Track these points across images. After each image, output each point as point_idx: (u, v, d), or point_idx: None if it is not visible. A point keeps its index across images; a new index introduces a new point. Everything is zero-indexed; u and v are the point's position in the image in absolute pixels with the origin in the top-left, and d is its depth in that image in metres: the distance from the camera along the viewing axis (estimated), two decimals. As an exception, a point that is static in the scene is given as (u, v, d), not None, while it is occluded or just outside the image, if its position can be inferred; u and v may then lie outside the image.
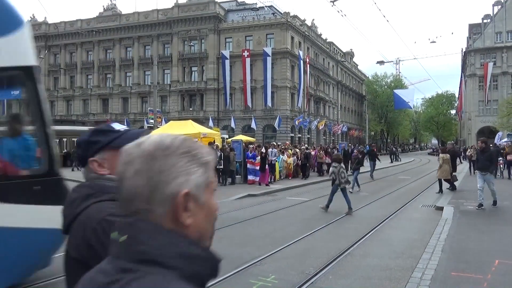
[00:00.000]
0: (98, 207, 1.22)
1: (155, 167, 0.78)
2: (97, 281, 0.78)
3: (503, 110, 42.32)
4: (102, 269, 0.79)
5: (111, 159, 1.33)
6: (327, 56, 62.18)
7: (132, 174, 0.79)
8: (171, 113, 49.39)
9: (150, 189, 0.78)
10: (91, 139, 1.39)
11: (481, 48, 55.73)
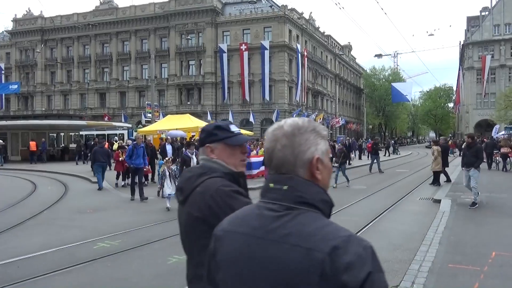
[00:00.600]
0: (213, 181, 1.66)
1: (295, 142, 1.14)
2: (268, 215, 1.11)
3: (500, 103, 42.35)
4: (265, 207, 1.14)
5: (220, 150, 1.77)
6: (325, 50, 62.01)
7: (280, 148, 1.14)
8: (168, 107, 49.26)
9: (294, 157, 1.13)
10: (213, 131, 1.81)
11: (479, 41, 55.66)
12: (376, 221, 8.69)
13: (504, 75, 53.61)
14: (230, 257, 1.16)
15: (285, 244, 1.06)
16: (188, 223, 1.70)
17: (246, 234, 1.13)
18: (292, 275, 1.03)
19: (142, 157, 11.61)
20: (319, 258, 1.00)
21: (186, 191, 1.72)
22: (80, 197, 12.40)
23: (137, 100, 54.41)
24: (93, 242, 6.79)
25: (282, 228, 1.08)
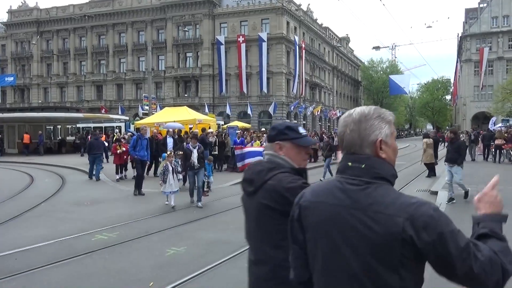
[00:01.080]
0: (284, 175, 1.88)
1: (362, 127, 1.38)
2: (351, 189, 1.35)
3: (497, 95, 42.40)
4: (347, 182, 1.37)
5: (288, 148, 1.97)
6: (323, 42, 61.78)
7: (349, 132, 1.40)
8: (166, 100, 49.09)
9: (360, 140, 1.38)
10: (284, 131, 2.00)
11: (477, 33, 55.52)
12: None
13: (501, 67, 53.59)
14: (319, 220, 1.41)
15: (369, 212, 1.30)
16: (260, 212, 1.91)
17: (334, 204, 1.38)
18: (378, 238, 1.27)
19: (146, 150, 11.28)
20: (399, 222, 1.25)
21: (257, 183, 1.94)
22: (78, 189, 12.38)
23: (134, 93, 54.18)
24: (91, 234, 6.78)
25: (365, 198, 1.32)
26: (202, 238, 6.59)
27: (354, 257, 1.31)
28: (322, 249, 1.40)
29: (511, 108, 39.99)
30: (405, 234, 1.24)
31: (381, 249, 1.26)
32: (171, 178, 8.99)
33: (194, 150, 9.20)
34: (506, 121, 35.33)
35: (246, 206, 2.04)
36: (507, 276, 1.24)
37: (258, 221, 1.94)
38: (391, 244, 1.25)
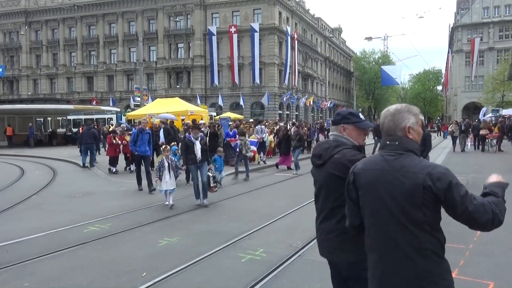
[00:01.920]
0: (347, 151, 2.48)
1: (396, 118, 2.04)
2: (389, 158, 1.99)
3: (488, 85, 42.77)
4: (386, 153, 2.03)
5: (350, 130, 2.57)
6: (315, 32, 61.61)
7: (387, 122, 2.05)
8: (157, 91, 48.77)
9: (394, 126, 2.02)
10: (347, 116, 2.58)
11: (468, 23, 55.74)
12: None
13: (492, 58, 53.96)
14: (368, 181, 2.06)
15: (402, 171, 1.96)
16: (328, 180, 2.52)
17: (377, 169, 2.04)
18: (408, 187, 1.92)
19: (148, 144, 10.29)
20: (421, 177, 1.90)
21: (325, 157, 2.54)
22: (69, 181, 12.32)
23: (125, 84, 53.72)
24: (83, 226, 6.78)
25: (399, 164, 1.98)
26: (194, 229, 6.62)
27: (392, 202, 1.97)
28: (370, 199, 2.07)
29: (501, 98, 40.37)
30: (425, 183, 1.88)
31: (410, 195, 1.91)
32: (166, 175, 8.06)
33: (197, 142, 8.27)
34: (496, 111, 35.70)
35: (316, 176, 2.67)
36: (496, 218, 1.87)
37: (326, 187, 2.56)
38: (416, 191, 1.90)
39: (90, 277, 4.59)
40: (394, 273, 1.99)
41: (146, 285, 4.30)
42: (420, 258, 1.93)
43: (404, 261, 1.96)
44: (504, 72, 37.32)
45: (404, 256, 1.96)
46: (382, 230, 2.02)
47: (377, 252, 2.06)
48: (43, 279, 4.54)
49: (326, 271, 4.65)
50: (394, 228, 1.97)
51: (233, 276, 4.58)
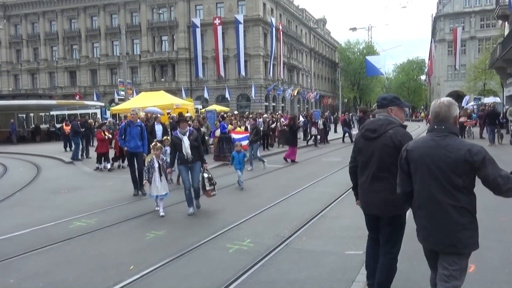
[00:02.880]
0: (399, 128, 3.25)
1: (449, 108, 2.73)
2: (437, 139, 2.69)
3: (470, 74, 43.40)
4: (432, 136, 2.72)
5: (396, 110, 3.36)
6: (300, 23, 61.54)
7: (444, 111, 2.72)
8: (142, 85, 48.25)
9: (448, 115, 2.71)
10: (393, 99, 3.39)
11: (450, 13, 56.32)
12: (350, 191, 8.91)
13: (474, 47, 54.71)
14: (419, 156, 2.72)
15: (447, 148, 2.61)
16: (383, 150, 3.23)
17: (427, 147, 2.70)
18: (452, 160, 2.57)
19: (139, 139, 8.89)
20: (463, 153, 2.54)
21: (380, 132, 3.27)
22: (54, 178, 12.16)
23: (109, 78, 52.96)
24: (69, 221, 6.72)
25: (445, 143, 2.63)
26: (181, 221, 6.63)
27: (438, 171, 2.64)
28: (421, 170, 2.73)
29: (483, 87, 41.04)
30: (465, 157, 2.55)
31: (454, 166, 2.59)
32: (157, 178, 6.91)
33: (185, 138, 6.90)
34: (478, 100, 36.31)
35: (365, 147, 3.39)
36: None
37: (378, 156, 3.27)
38: (458, 163, 2.57)
39: (76, 272, 4.57)
40: (438, 226, 2.68)
41: (134, 278, 4.30)
42: (457, 214, 2.62)
43: (446, 216, 2.64)
44: (485, 61, 37.89)
45: (446, 213, 2.64)
46: (429, 193, 2.70)
47: (425, 210, 2.74)
48: (29, 276, 4.50)
49: (312, 260, 4.75)
50: (439, 192, 2.65)
51: (221, 266, 4.61)
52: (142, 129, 9.06)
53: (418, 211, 2.79)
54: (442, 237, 2.66)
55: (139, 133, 8.95)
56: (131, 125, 8.96)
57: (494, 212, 6.16)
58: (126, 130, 8.94)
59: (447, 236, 2.64)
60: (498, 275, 4.13)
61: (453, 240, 2.63)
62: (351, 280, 4.09)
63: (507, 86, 31.86)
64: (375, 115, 3.61)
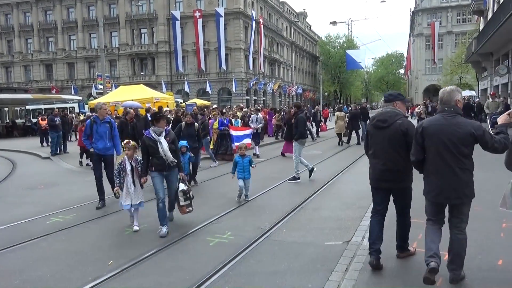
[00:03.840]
0: (405, 119, 4.11)
1: (451, 94, 3.64)
2: (447, 117, 3.57)
3: (447, 68, 44.32)
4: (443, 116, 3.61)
5: (400, 104, 4.18)
6: (281, 17, 61.48)
7: (446, 96, 3.66)
8: (121, 78, 47.46)
9: (450, 99, 3.62)
10: (397, 95, 4.25)
11: (428, 8, 57.26)
12: (331, 183, 9.03)
13: (450, 41, 55.85)
14: (433, 131, 3.57)
15: (457, 125, 3.50)
16: (392, 137, 3.99)
17: (439, 124, 3.57)
18: (461, 134, 3.46)
19: (109, 139, 7.42)
20: (468, 128, 3.47)
21: (390, 121, 4.02)
22: (31, 173, 11.88)
23: (87, 71, 51.87)
24: (46, 217, 6.59)
25: (455, 121, 3.51)
26: (162, 216, 6.57)
27: (450, 143, 3.48)
28: (436, 142, 3.55)
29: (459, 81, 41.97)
30: (471, 132, 3.42)
31: (462, 138, 3.44)
32: (130, 183, 5.83)
33: (162, 139, 5.60)
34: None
35: (376, 134, 4.16)
36: (505, 147, 3.40)
37: (390, 141, 4.03)
38: (466, 136, 3.43)
39: (54, 268, 4.49)
40: (449, 183, 3.58)
41: (113, 273, 4.26)
42: (464, 175, 3.56)
43: (455, 177, 3.55)
44: (462, 55, 38.74)
45: (455, 174, 3.55)
46: (442, 160, 3.58)
47: (435, 173, 3.64)
48: (5, 273, 4.40)
49: (292, 251, 4.79)
50: (450, 158, 3.54)
51: (201, 260, 4.61)
52: (112, 127, 7.59)
53: (431, 175, 3.68)
54: (453, 192, 3.57)
55: (109, 131, 7.46)
56: (97, 121, 7.45)
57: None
58: (93, 128, 7.45)
59: (457, 190, 3.56)
60: (471, 262, 4.26)
61: (460, 194, 3.57)
62: (330, 270, 4.16)
63: (482, 80, 32.68)
64: (299, 109, 4.88)
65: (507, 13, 16.44)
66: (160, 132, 5.65)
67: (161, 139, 5.59)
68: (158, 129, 5.65)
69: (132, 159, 5.92)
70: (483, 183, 6.16)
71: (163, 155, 5.55)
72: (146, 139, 5.63)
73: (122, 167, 5.89)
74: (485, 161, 5.17)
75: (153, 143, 5.55)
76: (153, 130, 5.64)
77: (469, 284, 3.76)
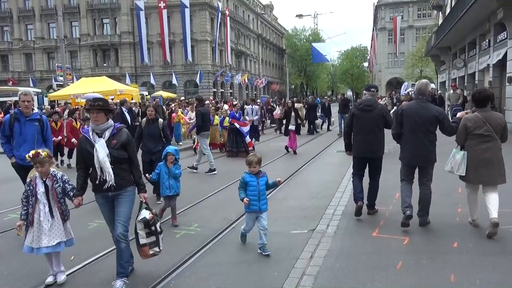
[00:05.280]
0: (382, 105, 6.20)
1: (427, 86, 5.12)
2: (421, 104, 4.96)
3: (408, 61, 45.74)
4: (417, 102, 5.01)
5: (376, 94, 5.76)
6: (247, 9, 61.23)
7: (423, 87, 5.07)
8: (83, 70, 45.88)
9: (426, 90, 5.08)
10: (376, 87, 5.85)
11: (390, 2, 58.72)
12: (298, 173, 9.17)
13: (411, 35, 57.59)
14: (409, 113, 4.94)
15: (427, 109, 4.89)
16: (377, 118, 5.34)
17: (415, 108, 4.94)
18: (428, 117, 4.85)
19: (39, 143, 5.45)
20: (435, 111, 4.90)
21: (374, 106, 5.40)
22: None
23: (46, 63, 49.72)
24: (3, 214, 6.33)
25: (426, 106, 4.94)
26: (127, 209, 6.45)
27: (421, 122, 4.84)
28: (410, 121, 4.90)
29: (420, 74, 43.44)
30: (436, 114, 4.86)
31: (430, 119, 4.83)
32: (43, 214, 3.89)
33: (100, 142, 3.69)
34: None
35: (363, 117, 5.37)
36: (455, 132, 4.88)
37: (375, 121, 5.33)
38: (433, 117, 4.83)
39: (12, 265, 4.33)
40: (419, 151, 4.90)
41: (75, 268, 4.17)
42: (430, 145, 4.89)
43: (424, 147, 4.87)
44: (422, 49, 40.06)
45: (424, 144, 4.87)
46: (414, 134, 4.88)
47: (410, 143, 4.95)
48: (-42, 272, 4.19)
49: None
50: (421, 133, 4.85)
51: (167, 252, 4.55)
52: (44, 126, 5.61)
53: (406, 145, 5.02)
54: (422, 158, 4.93)
55: (38, 132, 5.54)
56: (21, 118, 5.44)
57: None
58: (14, 127, 5.45)
59: (425, 157, 4.92)
60: (428, 246, 4.46)
61: (426, 159, 4.93)
62: (295, 258, 4.24)
63: (441, 73, 33.97)
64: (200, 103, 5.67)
65: (463, 9, 17.12)
66: (101, 130, 3.70)
67: (99, 143, 3.63)
68: (98, 125, 3.68)
69: (47, 176, 3.90)
70: (440, 172, 6.44)
71: (97, 169, 3.65)
72: (82, 140, 3.77)
73: (30, 191, 3.92)
74: (445, 151, 5.40)
75: (90, 147, 3.68)
76: (91, 127, 3.75)
77: (426, 264, 3.94)
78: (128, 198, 3.84)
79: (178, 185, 5.69)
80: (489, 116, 4.64)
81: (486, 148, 4.61)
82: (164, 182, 5.62)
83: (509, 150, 5.95)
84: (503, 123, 4.68)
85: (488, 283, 3.53)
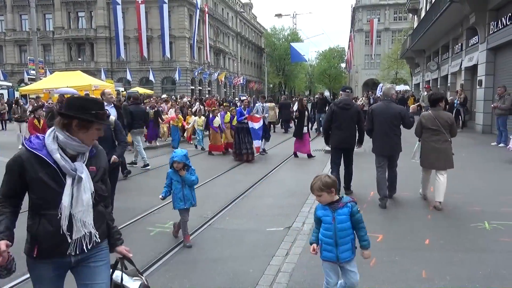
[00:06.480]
0: (357, 104, 9.11)
1: (390, 90, 6.45)
2: (387, 103, 6.12)
3: (384, 63, 46.60)
4: (384, 102, 6.18)
5: (350, 94, 7.10)
6: (226, 6, 60.98)
7: (388, 90, 6.40)
8: (56, 64, 44.67)
9: (389, 93, 6.31)
10: (351, 88, 7.41)
11: (367, 4, 59.67)
12: (275, 172, 9.19)
13: (388, 38, 58.69)
14: (378, 112, 6.04)
15: (392, 108, 6.03)
16: (354, 115, 6.56)
17: (382, 107, 6.09)
18: (393, 114, 5.95)
19: None
20: (398, 110, 6.06)
21: (351, 105, 6.67)
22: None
23: (17, 56, 48.13)
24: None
25: (391, 105, 6.10)
26: (100, 206, 6.31)
27: (388, 118, 5.94)
28: (379, 118, 6.00)
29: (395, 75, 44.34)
30: (399, 111, 5.99)
31: (394, 116, 5.92)
32: None
33: (85, 171, 2.15)
34: (391, 87, 38.95)
35: (342, 113, 6.49)
36: (412, 125, 6.07)
37: (352, 118, 6.53)
38: (396, 114, 5.93)
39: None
40: (387, 143, 5.97)
41: (45, 266, 4.02)
42: (396, 138, 5.97)
43: (390, 139, 5.93)
44: (397, 51, 40.88)
45: (390, 137, 5.93)
46: (382, 129, 5.92)
47: (380, 137, 5.98)
48: None
49: (235, 238, 4.83)
50: (388, 128, 5.90)
51: (141, 249, 4.49)
52: None
53: (377, 138, 6.02)
54: (390, 149, 5.97)
55: None
56: None
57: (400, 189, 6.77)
58: None
59: (392, 148, 5.97)
60: (400, 243, 4.55)
61: (394, 150, 6.01)
62: (271, 255, 4.24)
63: (415, 75, 34.77)
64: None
65: (437, 13, 17.57)
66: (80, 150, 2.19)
67: (85, 172, 2.16)
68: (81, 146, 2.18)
69: None
70: (412, 172, 6.60)
71: (64, 217, 2.12)
72: (30, 160, 2.13)
73: None
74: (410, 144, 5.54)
75: (51, 176, 2.13)
76: (62, 141, 2.15)
77: (399, 261, 4.01)
78: (106, 259, 2.33)
79: (193, 195, 4.75)
80: (439, 114, 5.73)
81: (436, 139, 5.72)
82: (176, 193, 4.62)
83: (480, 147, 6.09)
84: (450, 121, 5.77)
85: (457, 279, 3.63)
